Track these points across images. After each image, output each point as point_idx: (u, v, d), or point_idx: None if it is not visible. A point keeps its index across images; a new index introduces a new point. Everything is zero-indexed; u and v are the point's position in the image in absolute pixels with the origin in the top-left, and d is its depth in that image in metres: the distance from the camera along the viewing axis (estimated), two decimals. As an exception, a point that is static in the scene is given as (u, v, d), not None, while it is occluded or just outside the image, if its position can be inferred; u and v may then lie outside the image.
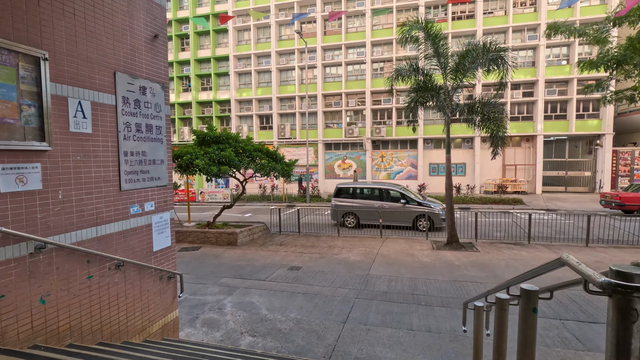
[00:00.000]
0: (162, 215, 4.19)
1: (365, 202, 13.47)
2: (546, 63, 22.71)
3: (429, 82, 9.92)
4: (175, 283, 4.57)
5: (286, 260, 9.04)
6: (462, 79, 9.99)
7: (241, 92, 28.86)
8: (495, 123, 9.68)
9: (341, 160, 27.12)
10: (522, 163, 23.73)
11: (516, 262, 8.56)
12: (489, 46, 9.42)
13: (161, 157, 4.17)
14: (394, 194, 13.27)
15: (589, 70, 10.94)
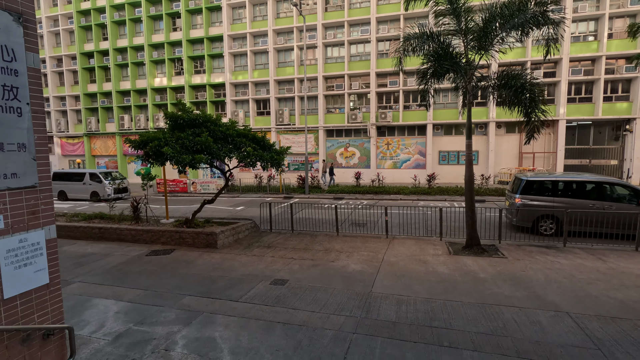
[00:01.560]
0: (25, 236, 2.51)
1: (572, 201, 9.94)
2: (571, 39, 20.48)
3: (446, 48, 8.00)
4: (63, 341, 2.91)
5: (271, 269, 7.39)
6: (489, 47, 8.09)
7: (236, 75, 26.95)
8: (532, 102, 7.77)
9: (344, 148, 25.31)
10: (542, 151, 21.75)
11: (557, 274, 6.83)
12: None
13: (19, 138, 2.46)
14: (620, 191, 9.91)
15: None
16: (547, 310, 5.24)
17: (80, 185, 19.93)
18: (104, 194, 19.43)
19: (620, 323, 4.83)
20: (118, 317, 5.29)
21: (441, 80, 8.41)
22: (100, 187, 19.65)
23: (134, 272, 7.40)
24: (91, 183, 19.81)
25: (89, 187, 19.83)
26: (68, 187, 20.28)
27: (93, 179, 19.88)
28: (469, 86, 8.52)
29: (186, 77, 27.71)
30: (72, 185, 20.17)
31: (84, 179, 20.02)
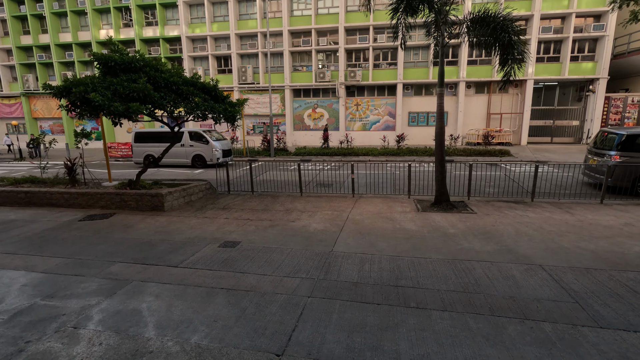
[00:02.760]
0: None
1: None
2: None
3: None
4: None
5: (222, 231, 6.58)
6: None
7: (193, 28, 24.51)
8: (511, 41, 7.08)
9: (311, 109, 24.16)
10: (509, 112, 21.75)
11: (527, 227, 6.51)
12: None
13: None
14: None
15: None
16: (519, 264, 4.84)
17: (178, 148, 15.80)
18: (212, 157, 15.78)
19: (595, 274, 4.50)
20: (24, 290, 4.33)
21: (414, 16, 7.46)
22: (207, 149, 15.94)
23: (59, 239, 6.33)
24: (192, 144, 16.08)
25: (191, 150, 16.14)
26: (160, 151, 16.36)
27: (196, 140, 16.18)
28: (442, 27, 7.69)
29: (136, 29, 24.88)
30: None
31: (182, 139, 15.99)
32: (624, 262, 4.88)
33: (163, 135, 16.39)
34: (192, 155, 16.22)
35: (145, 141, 16.68)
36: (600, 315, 3.56)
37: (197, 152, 16.16)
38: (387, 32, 22.17)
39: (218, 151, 15.98)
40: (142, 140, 16.79)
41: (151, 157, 15.94)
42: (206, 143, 16.08)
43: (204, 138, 16.14)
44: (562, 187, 9.67)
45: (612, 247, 5.45)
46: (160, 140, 16.24)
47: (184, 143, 16.20)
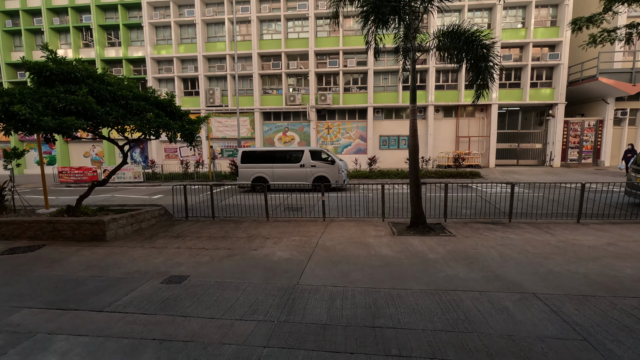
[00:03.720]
0: None
1: None
2: (502, 25, 20.97)
3: None
4: None
5: (170, 263, 5.60)
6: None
7: (159, 49, 23.76)
8: (483, 52, 6.88)
9: (282, 132, 23.64)
10: (476, 135, 22.20)
11: (510, 250, 6.01)
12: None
13: None
14: None
15: None
16: (511, 293, 4.24)
17: (297, 169, 13.92)
18: (337, 179, 13.71)
19: (596, 302, 3.96)
20: None
21: (384, 26, 7.13)
22: (332, 170, 13.84)
23: (-41, 278, 5.11)
24: (314, 164, 13.88)
25: (312, 172, 13.86)
26: (275, 173, 14.09)
27: (318, 159, 14.04)
28: (412, 41, 7.42)
29: (97, 49, 23.78)
30: (282, 169, 14.06)
31: (301, 158, 14.01)
32: (620, 286, 4.40)
33: (277, 154, 14.40)
34: (314, 177, 13.89)
35: (254, 161, 14.37)
36: (615, 355, 2.96)
37: (320, 173, 13.90)
38: (357, 57, 22.43)
39: (344, 172, 14.09)
40: (251, 160, 14.41)
41: (262, 180, 14.06)
42: (331, 163, 13.98)
43: (329, 157, 14.12)
44: (537, 207, 9.44)
45: (602, 269, 5.01)
46: (274, 159, 14.22)
47: (304, 163, 13.97)
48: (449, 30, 7.17)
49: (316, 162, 13.97)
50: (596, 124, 20.95)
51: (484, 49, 6.96)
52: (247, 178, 14.18)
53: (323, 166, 13.96)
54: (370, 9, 6.55)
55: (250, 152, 14.59)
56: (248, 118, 23.49)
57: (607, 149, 20.66)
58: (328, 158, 14.07)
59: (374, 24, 6.87)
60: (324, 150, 14.25)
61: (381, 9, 6.31)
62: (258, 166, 14.24)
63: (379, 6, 6.33)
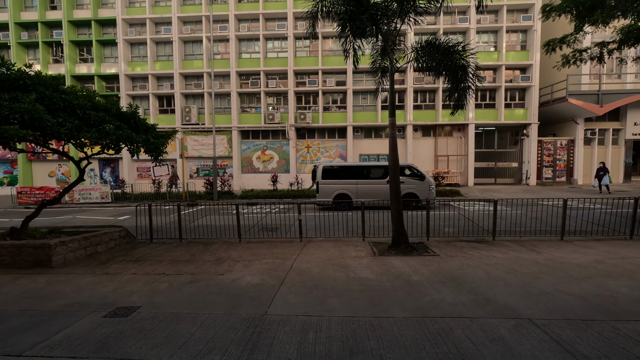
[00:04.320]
0: None
1: None
2: (475, 48, 21.61)
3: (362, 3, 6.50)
4: None
5: (120, 292, 4.89)
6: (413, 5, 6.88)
7: (134, 66, 23.13)
8: (462, 63, 6.72)
9: (261, 151, 23.14)
10: (454, 154, 22.40)
11: (498, 270, 5.63)
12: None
13: None
14: None
15: (555, 15, 8.75)
16: (505, 319, 3.79)
17: (383, 185, 12.93)
18: (427, 196, 12.85)
19: (597, 328, 3.56)
20: None
21: (362, 35, 6.90)
22: (422, 186, 13.24)
23: None
24: (403, 181, 12.91)
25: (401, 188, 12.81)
26: (359, 189, 13.29)
27: (404, 174, 13.40)
28: (390, 54, 7.22)
29: (68, 65, 22.90)
30: (367, 186, 13.31)
31: (388, 174, 12.74)
32: (620, 308, 4.04)
33: (360, 169, 13.67)
34: (403, 194, 12.65)
35: (336, 177, 13.60)
36: (633, 394, 2.52)
37: (408, 190, 13.23)
38: (335, 77, 22.51)
39: (433, 188, 13.50)
40: (332, 175, 13.61)
41: (345, 197, 13.18)
42: (421, 179, 13.41)
43: (417, 173, 13.53)
44: (519, 224, 9.22)
45: (597, 289, 4.66)
46: (357, 175, 13.51)
47: None
48: (428, 43, 7.02)
49: (405, 178, 13.32)
50: (568, 144, 21.58)
51: (461, 60, 6.79)
52: (328, 195, 13.36)
53: (412, 182, 13.37)
54: (348, 16, 6.32)
55: (332, 168, 13.88)
56: (225, 136, 22.91)
57: (579, 167, 21.21)
58: (416, 173, 13.54)
59: (351, 33, 6.63)
60: (412, 166, 13.77)
61: (359, 15, 6.08)
62: (341, 182, 13.48)
63: (356, 13, 6.11)
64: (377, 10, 6.26)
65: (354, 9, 6.14)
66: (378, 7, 6.35)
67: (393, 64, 7.40)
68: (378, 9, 6.29)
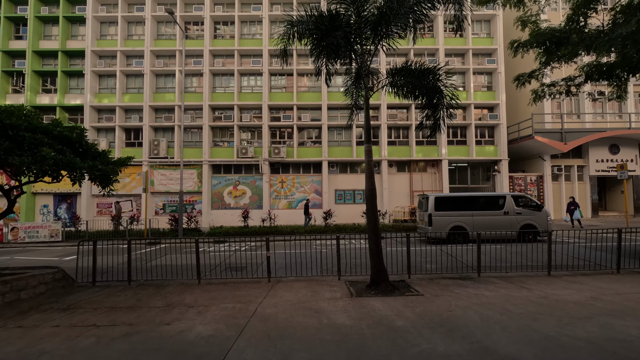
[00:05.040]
0: None
1: None
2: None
3: (335, 19, 6.21)
4: None
5: (26, 353, 3.81)
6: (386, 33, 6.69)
7: (101, 98, 22.24)
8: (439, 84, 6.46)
9: (232, 186, 22.21)
10: (430, 189, 22.36)
11: (490, 311, 4.96)
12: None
13: None
14: None
15: (522, 50, 8.92)
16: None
17: (500, 217, 12.55)
18: (546, 227, 12.27)
19: (623, 383, 2.90)
20: None
21: (335, 55, 6.56)
22: (540, 217, 12.74)
23: None
24: (520, 211, 12.67)
25: (518, 219, 12.56)
26: (475, 221, 12.49)
27: (521, 205, 12.89)
28: (365, 78, 6.92)
29: (28, 95, 21.71)
30: (484, 217, 12.60)
31: (504, 205, 12.78)
32: (638, 355, 3.43)
33: (474, 200, 13.19)
34: (521, 226, 12.55)
35: (450, 208, 12.92)
36: None
37: (527, 221, 12.69)
38: (311, 113, 22.51)
39: (551, 218, 13.08)
40: (446, 207, 12.93)
41: (460, 229, 12.35)
42: (537, 209, 13.00)
43: (534, 203, 13.16)
44: (502, 259, 8.73)
45: (605, 332, 4.07)
46: (471, 206, 12.92)
47: (508, 210, 12.76)
48: (404, 67, 6.78)
49: (520, 208, 12.92)
50: (537, 179, 22.11)
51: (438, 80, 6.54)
52: (442, 227, 12.54)
53: (529, 213, 12.92)
54: (321, 33, 5.98)
55: (445, 199, 13.27)
56: (196, 171, 21.92)
57: (549, 202, 21.60)
58: (532, 204, 13.19)
59: (324, 50, 6.28)
60: (527, 196, 13.56)
61: (332, 32, 5.76)
62: (456, 214, 12.86)
63: (330, 29, 5.79)
64: (351, 28, 5.99)
65: (328, 25, 5.83)
66: (352, 26, 6.09)
67: (368, 88, 7.09)
68: (352, 28, 6.03)
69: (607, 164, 21.68)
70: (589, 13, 7.92)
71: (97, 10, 22.31)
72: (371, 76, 7.34)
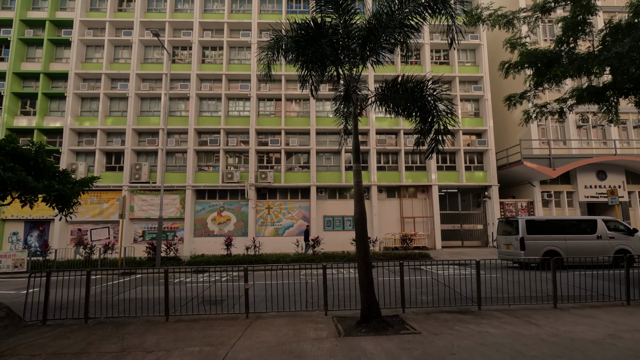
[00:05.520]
0: None
1: None
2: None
3: (321, 27, 5.83)
4: None
5: None
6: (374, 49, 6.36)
7: (82, 121, 21.56)
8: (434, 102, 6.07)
9: (217, 212, 21.32)
10: (420, 215, 21.87)
11: (499, 353, 4.29)
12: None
13: None
14: None
15: (513, 71, 8.75)
16: None
17: (592, 241, 12.30)
18: None
19: None
20: None
21: (321, 66, 6.13)
22: (634, 242, 12.41)
23: None
24: (612, 236, 12.40)
25: (612, 244, 12.26)
26: (569, 246, 12.21)
27: (612, 229, 12.59)
28: (353, 95, 6.50)
29: (5, 117, 20.88)
30: (576, 242, 12.34)
31: (596, 229, 12.44)
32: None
33: (566, 224, 13.04)
34: (615, 251, 12.19)
35: (543, 232, 12.60)
36: None
37: (620, 245, 12.34)
38: (299, 137, 22.16)
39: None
40: (538, 230, 12.58)
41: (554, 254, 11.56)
42: (630, 234, 12.66)
43: (625, 228, 12.84)
44: (501, 289, 8.09)
45: (639, 381, 3.42)
46: (563, 230, 12.66)
47: (601, 235, 12.44)
48: (393, 82, 6.41)
49: (613, 232, 12.64)
50: (528, 205, 21.87)
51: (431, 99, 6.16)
52: (535, 252, 12.16)
53: (622, 238, 12.62)
54: (305, 40, 5.58)
55: (537, 222, 12.95)
56: (178, 196, 21.04)
57: (541, 229, 21.25)
58: (623, 228, 12.88)
59: (310, 61, 5.85)
60: (617, 220, 13.30)
61: (318, 39, 5.36)
62: (549, 238, 12.53)
63: (316, 36, 5.39)
64: (338, 37, 5.62)
65: (314, 33, 5.44)
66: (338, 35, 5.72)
67: (356, 107, 6.66)
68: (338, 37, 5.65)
69: (595, 190, 21.65)
70: (579, 34, 7.81)
71: (84, 34, 22.08)
72: (360, 94, 6.94)
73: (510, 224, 13.43)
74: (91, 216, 20.48)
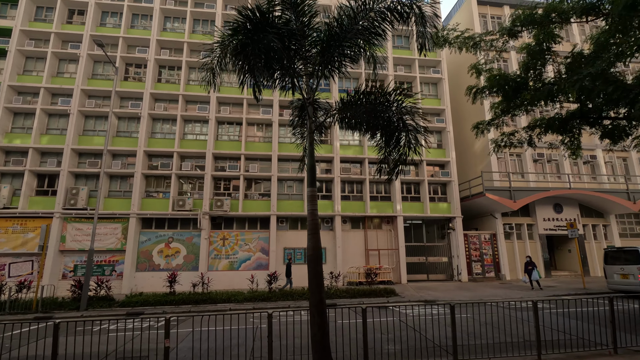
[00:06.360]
0: None
1: None
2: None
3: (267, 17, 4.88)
4: None
5: None
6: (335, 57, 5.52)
7: (11, 138, 19.08)
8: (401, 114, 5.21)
9: (164, 243, 19.17)
10: (385, 247, 20.98)
11: None
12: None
13: None
14: None
15: (481, 96, 8.31)
16: None
17: None
18: None
19: None
20: None
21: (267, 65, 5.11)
22: None
23: None
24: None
25: None
26: None
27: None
28: (309, 108, 5.54)
29: None
30: None
31: None
32: None
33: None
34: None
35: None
36: None
37: None
38: (260, 163, 20.96)
39: None
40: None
41: None
42: None
43: None
44: (476, 335, 7.10)
45: None
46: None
47: None
48: (356, 92, 5.53)
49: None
50: (491, 237, 21.75)
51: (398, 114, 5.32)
52: None
53: None
54: (248, 35, 4.57)
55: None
56: (120, 225, 18.75)
57: (504, 261, 21.08)
58: None
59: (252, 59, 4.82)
60: None
61: (265, 27, 4.38)
62: None
63: (263, 25, 4.41)
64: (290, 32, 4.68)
65: (258, 21, 4.46)
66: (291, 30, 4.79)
67: (312, 122, 5.68)
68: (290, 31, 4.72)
69: (553, 223, 22.03)
70: (547, 58, 7.54)
71: (24, 44, 20.08)
72: (317, 107, 6.01)
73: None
74: (11, 248, 17.61)
